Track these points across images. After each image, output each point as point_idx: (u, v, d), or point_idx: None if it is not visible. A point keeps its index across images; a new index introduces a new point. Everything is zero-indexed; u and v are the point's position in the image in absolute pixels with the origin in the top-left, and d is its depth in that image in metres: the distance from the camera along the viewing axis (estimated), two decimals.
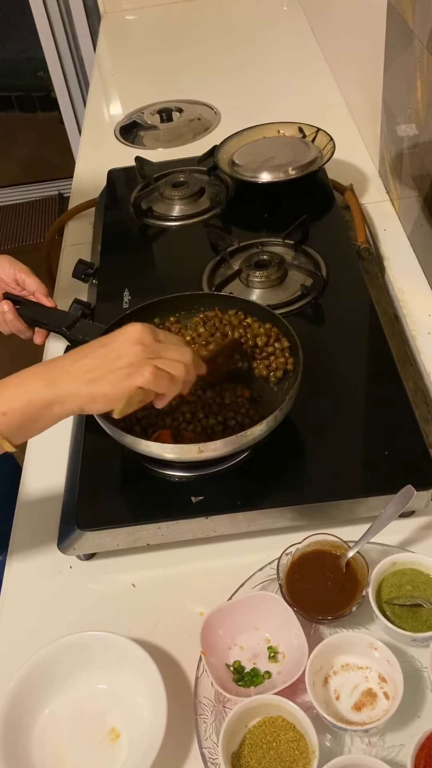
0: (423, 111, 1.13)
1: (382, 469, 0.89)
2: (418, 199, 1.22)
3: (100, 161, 1.63)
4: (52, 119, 3.52)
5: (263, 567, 0.85)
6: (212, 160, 1.45)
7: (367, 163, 1.52)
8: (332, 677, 0.75)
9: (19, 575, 0.92)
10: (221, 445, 0.83)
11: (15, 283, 1.01)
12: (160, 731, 0.71)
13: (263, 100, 1.81)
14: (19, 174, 3.61)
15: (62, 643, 0.79)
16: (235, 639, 0.80)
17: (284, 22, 2.25)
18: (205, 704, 0.76)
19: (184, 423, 0.90)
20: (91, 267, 1.27)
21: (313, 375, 0.97)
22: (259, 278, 1.16)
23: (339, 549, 0.83)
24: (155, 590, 0.88)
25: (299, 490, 0.89)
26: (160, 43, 2.26)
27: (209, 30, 2.28)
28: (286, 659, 0.78)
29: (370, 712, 0.73)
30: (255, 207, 1.38)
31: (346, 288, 1.16)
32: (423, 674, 0.76)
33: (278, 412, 0.85)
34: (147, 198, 1.42)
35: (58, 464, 1.01)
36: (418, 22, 1.09)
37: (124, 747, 0.74)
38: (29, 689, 0.77)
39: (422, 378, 1.07)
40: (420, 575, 0.80)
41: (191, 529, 0.88)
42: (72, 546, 0.88)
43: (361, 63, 1.52)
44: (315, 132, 1.46)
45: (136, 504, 0.91)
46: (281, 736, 0.71)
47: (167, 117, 1.84)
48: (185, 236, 1.35)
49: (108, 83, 2.16)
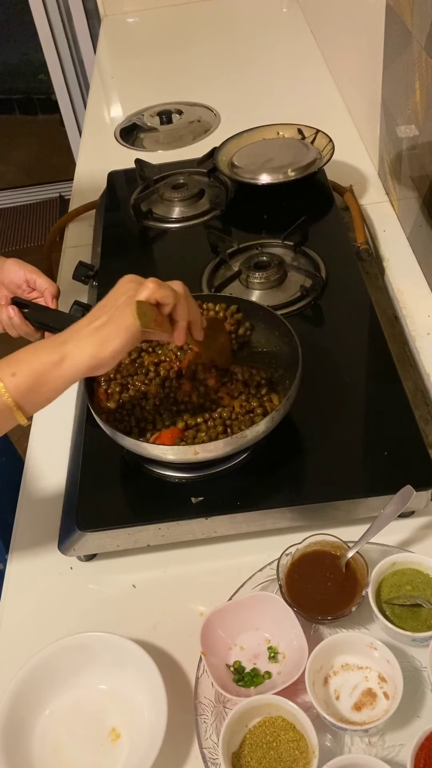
0: (422, 112, 1.13)
1: (382, 470, 0.89)
2: (418, 200, 1.22)
3: (101, 163, 1.64)
4: (52, 122, 3.53)
5: (263, 567, 0.85)
6: (212, 162, 1.45)
7: (367, 164, 1.52)
8: (332, 677, 0.76)
9: (20, 576, 0.92)
10: (218, 446, 0.83)
11: (26, 284, 1.02)
12: (160, 731, 0.71)
13: (263, 101, 1.82)
14: (19, 176, 3.62)
15: (63, 643, 0.79)
16: (236, 639, 0.80)
17: (283, 24, 2.25)
18: (206, 704, 0.76)
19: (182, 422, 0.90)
20: (91, 269, 1.28)
21: (313, 376, 0.97)
22: (258, 279, 1.17)
23: (339, 549, 0.83)
24: (155, 591, 0.89)
25: (299, 491, 0.89)
26: (160, 46, 2.26)
27: (209, 32, 2.29)
28: (286, 659, 0.78)
29: (370, 712, 0.73)
30: (254, 208, 1.38)
31: (346, 289, 1.16)
32: (423, 674, 0.76)
33: (275, 413, 0.85)
34: (147, 200, 1.42)
35: (59, 465, 1.01)
36: (416, 24, 1.09)
37: (125, 747, 0.75)
38: (30, 689, 0.77)
39: (422, 378, 1.07)
40: (419, 575, 0.80)
41: (191, 530, 0.88)
42: (72, 547, 0.89)
43: (360, 64, 1.53)
44: (314, 133, 1.46)
45: (136, 505, 0.91)
46: (281, 736, 0.71)
47: (167, 119, 1.84)
48: (185, 238, 1.35)
49: (108, 85, 2.16)
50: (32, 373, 0.73)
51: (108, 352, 0.74)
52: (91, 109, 2.00)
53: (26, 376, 0.73)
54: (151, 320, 0.75)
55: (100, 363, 0.74)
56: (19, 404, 0.73)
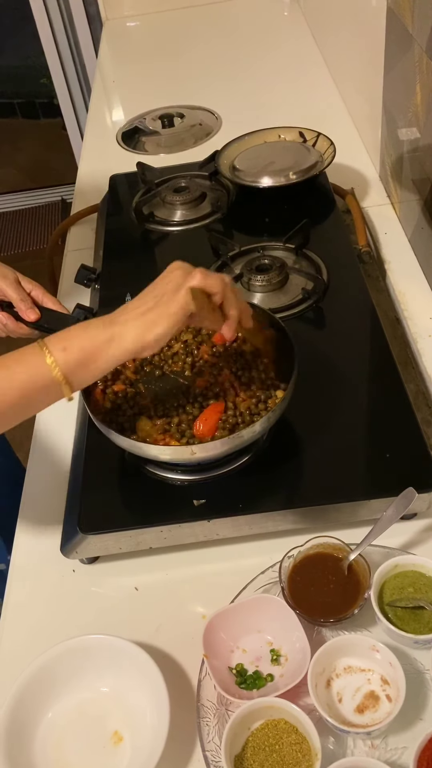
0: (423, 115, 1.13)
1: (384, 472, 0.89)
2: (419, 203, 1.22)
3: (103, 167, 1.64)
4: (54, 125, 3.54)
5: (265, 570, 0.85)
6: (213, 165, 1.45)
7: (368, 166, 1.52)
8: (335, 680, 0.76)
9: (23, 579, 0.93)
10: (215, 446, 0.83)
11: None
12: (162, 734, 0.71)
13: (264, 105, 1.82)
14: (22, 180, 3.63)
15: (65, 646, 0.79)
16: (238, 642, 0.80)
17: (285, 28, 2.25)
18: (208, 707, 0.76)
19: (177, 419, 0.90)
20: (93, 272, 1.28)
21: (315, 378, 0.98)
22: (260, 282, 1.17)
23: (341, 552, 0.83)
24: (158, 593, 0.89)
25: (301, 493, 0.89)
26: (162, 50, 2.27)
27: (210, 36, 2.29)
28: (289, 662, 0.78)
29: (373, 715, 0.73)
30: (256, 211, 1.38)
31: (347, 291, 1.16)
32: (425, 676, 0.76)
33: (271, 413, 0.85)
34: (149, 203, 1.42)
35: (61, 468, 1.02)
36: (417, 27, 1.09)
37: (127, 750, 0.75)
38: (32, 692, 0.77)
39: (423, 380, 1.07)
40: (422, 577, 0.80)
41: (193, 533, 0.88)
42: (75, 549, 0.89)
43: (362, 67, 1.53)
44: (316, 136, 1.46)
45: (138, 507, 0.91)
46: (284, 738, 0.71)
47: (169, 122, 1.85)
48: (187, 241, 1.36)
49: (110, 89, 2.17)
50: (82, 350, 0.74)
51: (152, 336, 0.75)
52: (92, 113, 2.01)
53: (77, 352, 0.74)
54: (203, 303, 0.77)
55: (145, 346, 0.75)
56: (68, 379, 0.74)
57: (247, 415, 0.89)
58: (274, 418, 0.86)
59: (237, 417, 0.88)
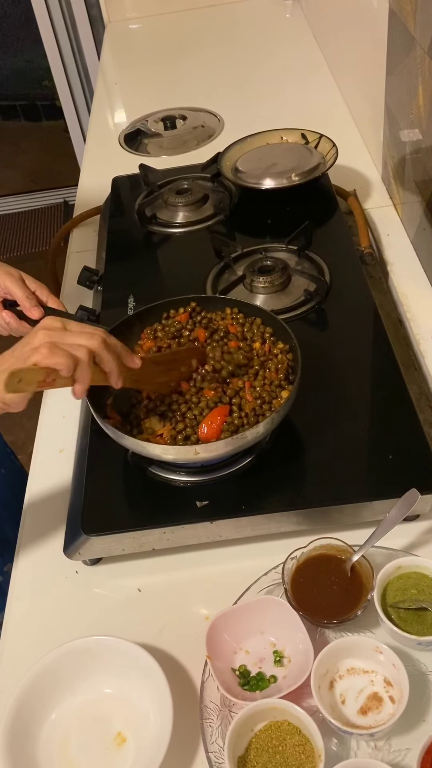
0: (425, 116, 1.13)
1: (387, 473, 0.89)
2: (421, 204, 1.22)
3: (105, 169, 1.64)
4: (56, 128, 3.55)
5: (268, 571, 0.85)
6: (216, 167, 1.46)
7: (370, 168, 1.52)
8: (338, 681, 0.76)
9: (26, 580, 0.93)
10: (218, 447, 0.83)
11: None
12: (166, 735, 0.71)
13: (266, 107, 1.82)
14: (24, 182, 3.64)
15: (68, 647, 0.79)
16: (241, 643, 0.80)
17: (287, 30, 2.26)
18: (211, 708, 0.76)
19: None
20: (96, 274, 1.28)
21: (318, 380, 0.98)
22: (262, 284, 1.17)
23: (344, 553, 0.83)
24: (161, 595, 0.89)
25: (303, 495, 0.89)
26: (164, 52, 2.27)
27: (212, 38, 2.30)
28: (292, 663, 0.78)
29: (376, 716, 0.73)
30: (258, 213, 1.39)
31: (350, 293, 1.16)
32: (428, 678, 0.76)
33: (274, 414, 0.85)
34: (151, 205, 1.42)
35: (64, 470, 1.02)
36: (419, 29, 1.10)
37: (131, 751, 0.75)
38: (36, 694, 0.77)
39: (426, 382, 1.07)
40: (425, 579, 0.80)
41: (196, 534, 0.88)
42: (78, 551, 0.89)
43: (364, 69, 1.53)
44: (318, 138, 1.46)
45: (141, 509, 0.91)
46: (287, 740, 0.71)
47: (171, 124, 1.85)
48: (189, 243, 1.36)
49: (112, 91, 2.17)
50: None
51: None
52: (95, 115, 2.01)
53: None
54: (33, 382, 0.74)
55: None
56: None
57: (252, 416, 0.89)
58: (278, 419, 0.86)
59: (243, 418, 0.88)
